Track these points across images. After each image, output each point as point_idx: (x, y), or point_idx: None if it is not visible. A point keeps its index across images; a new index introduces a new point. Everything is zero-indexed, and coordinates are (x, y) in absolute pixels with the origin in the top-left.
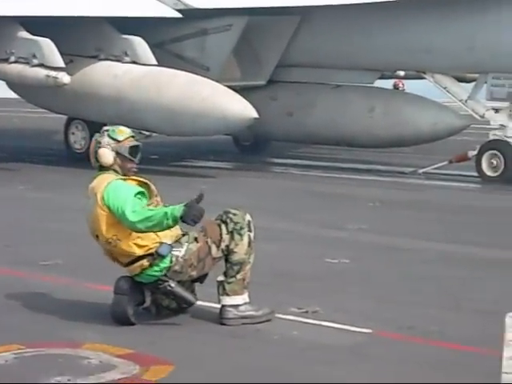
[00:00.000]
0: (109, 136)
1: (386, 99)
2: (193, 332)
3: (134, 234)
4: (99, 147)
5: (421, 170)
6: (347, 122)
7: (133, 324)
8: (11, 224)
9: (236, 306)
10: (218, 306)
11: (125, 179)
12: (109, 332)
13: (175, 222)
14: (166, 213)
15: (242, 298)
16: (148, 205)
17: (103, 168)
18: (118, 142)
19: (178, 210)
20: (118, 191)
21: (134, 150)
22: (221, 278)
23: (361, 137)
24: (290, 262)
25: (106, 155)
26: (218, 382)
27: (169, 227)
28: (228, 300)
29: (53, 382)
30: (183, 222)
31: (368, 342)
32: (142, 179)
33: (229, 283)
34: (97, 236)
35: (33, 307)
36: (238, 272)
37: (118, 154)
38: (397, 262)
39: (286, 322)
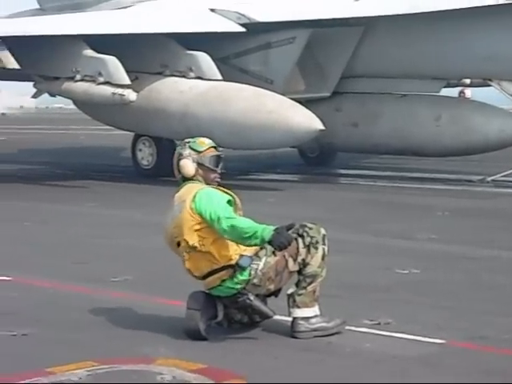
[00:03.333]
0: (190, 147)
1: (452, 107)
2: (265, 346)
3: (218, 242)
4: (181, 159)
5: (489, 178)
6: (413, 131)
7: (205, 339)
8: (80, 241)
9: (307, 319)
10: (289, 319)
11: (214, 188)
12: (182, 347)
13: (262, 243)
14: (256, 232)
15: (312, 311)
16: None
17: (187, 179)
18: (199, 152)
19: (268, 233)
20: (211, 197)
21: (215, 159)
22: (291, 290)
23: (428, 146)
24: (360, 273)
25: (188, 166)
26: None
27: (253, 245)
28: (299, 312)
29: None
30: (269, 245)
31: (441, 352)
32: (229, 192)
33: (299, 295)
34: (178, 243)
35: (104, 324)
36: (309, 284)
37: (199, 164)
38: (467, 271)
39: (358, 335)
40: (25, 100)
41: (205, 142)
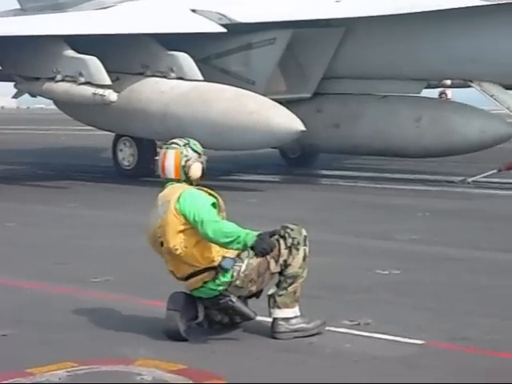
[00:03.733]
0: (192, 149)
1: (433, 108)
2: (245, 346)
3: (201, 244)
4: (188, 160)
5: (470, 179)
6: (394, 132)
7: (185, 340)
8: (61, 241)
9: (287, 320)
10: (270, 319)
11: (198, 189)
12: (161, 348)
13: (244, 247)
14: (239, 236)
15: (292, 311)
16: None
17: (171, 180)
18: (200, 155)
19: (250, 238)
20: (196, 198)
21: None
22: (271, 290)
23: (408, 147)
24: (340, 274)
25: (199, 169)
26: None
27: (235, 249)
28: (279, 313)
29: None
30: (251, 250)
31: (420, 353)
32: (213, 193)
33: (280, 295)
34: (161, 243)
35: (85, 324)
36: (290, 285)
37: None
38: (448, 272)
39: (338, 335)
40: (6, 100)
41: (198, 144)
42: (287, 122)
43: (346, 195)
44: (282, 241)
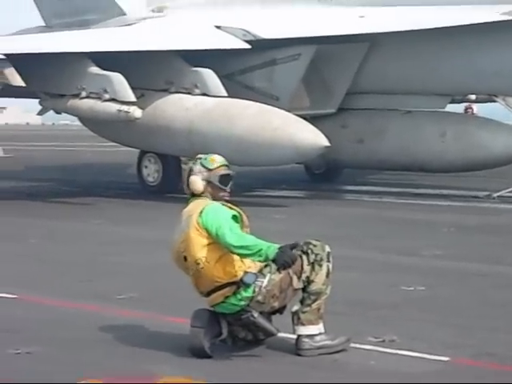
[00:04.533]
0: (201, 164)
1: (457, 123)
2: (270, 363)
3: (224, 258)
4: (191, 174)
5: (495, 194)
6: (419, 147)
7: (210, 356)
8: (86, 258)
9: (311, 337)
10: (294, 336)
11: (222, 204)
12: (186, 365)
13: (265, 260)
14: (261, 249)
15: (317, 328)
16: None
17: (195, 195)
18: (210, 170)
19: (272, 251)
20: (217, 212)
21: (225, 178)
22: (295, 307)
23: (433, 162)
24: (365, 290)
25: (197, 183)
26: None
27: (257, 261)
28: (303, 330)
29: None
30: (273, 263)
31: (446, 369)
32: (236, 208)
33: (304, 312)
34: (185, 258)
35: (109, 341)
36: (314, 301)
37: (208, 182)
38: (473, 287)
39: (363, 352)
40: (31, 117)
41: (216, 160)
42: (312, 137)
43: (371, 211)
44: (304, 257)
